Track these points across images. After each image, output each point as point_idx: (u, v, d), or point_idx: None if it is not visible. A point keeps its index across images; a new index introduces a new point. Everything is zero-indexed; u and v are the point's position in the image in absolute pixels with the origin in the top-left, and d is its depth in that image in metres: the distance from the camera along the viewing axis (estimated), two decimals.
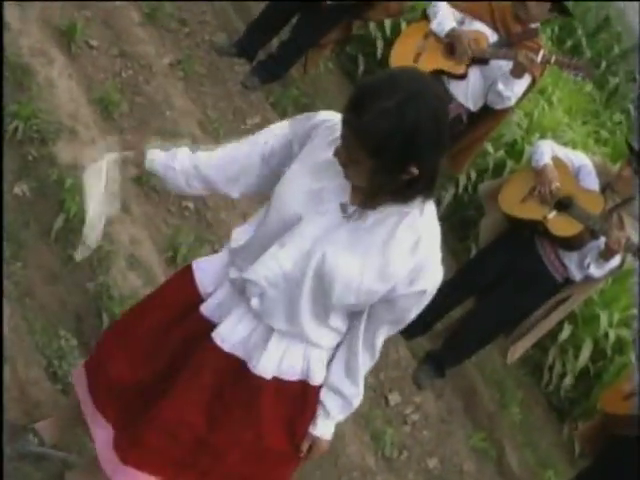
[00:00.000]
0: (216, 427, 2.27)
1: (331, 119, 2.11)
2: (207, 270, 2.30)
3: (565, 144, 5.38)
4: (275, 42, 5.38)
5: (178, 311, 2.29)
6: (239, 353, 2.21)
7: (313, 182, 2.05)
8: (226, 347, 2.21)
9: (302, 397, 2.25)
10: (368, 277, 2.01)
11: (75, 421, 2.66)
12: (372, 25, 5.97)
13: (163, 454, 2.32)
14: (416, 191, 1.95)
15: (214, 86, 5.07)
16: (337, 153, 1.94)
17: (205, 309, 2.25)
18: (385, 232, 2.00)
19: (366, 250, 2.01)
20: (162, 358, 2.30)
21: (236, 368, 2.22)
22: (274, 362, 2.19)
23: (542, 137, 5.90)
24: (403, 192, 1.95)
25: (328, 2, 4.86)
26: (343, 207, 2.02)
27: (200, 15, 5.34)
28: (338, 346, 2.23)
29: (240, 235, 2.23)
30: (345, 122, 1.90)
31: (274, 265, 2.07)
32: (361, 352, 2.20)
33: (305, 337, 2.17)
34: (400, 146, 1.83)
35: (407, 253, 1.99)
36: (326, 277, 2.03)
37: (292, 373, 2.22)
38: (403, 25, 5.83)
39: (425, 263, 2.01)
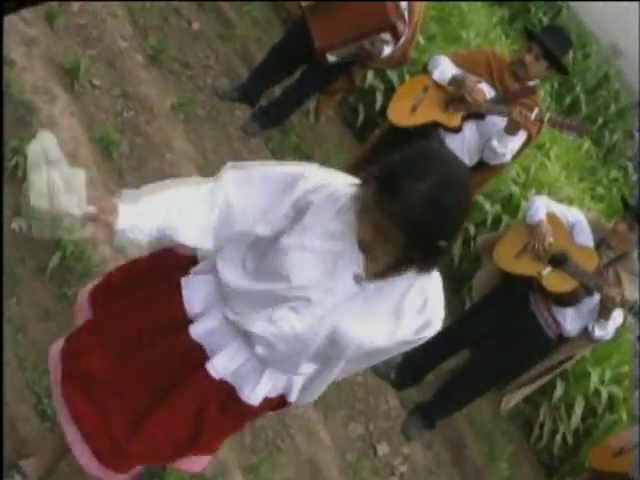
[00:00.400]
0: (198, 441, 2.37)
1: (328, 186, 2.07)
2: (195, 290, 2.27)
3: (561, 200, 5.40)
4: (277, 89, 5.43)
5: (162, 324, 2.28)
6: (229, 379, 2.25)
7: (324, 253, 2.04)
8: (218, 376, 2.24)
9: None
10: (379, 339, 2.08)
11: (60, 455, 2.66)
12: (372, 76, 6.03)
13: (144, 461, 2.43)
14: (438, 261, 2.00)
15: (214, 130, 5.11)
16: (362, 232, 1.95)
17: (194, 333, 2.24)
18: (397, 295, 2.05)
19: (378, 314, 2.06)
20: (143, 366, 2.30)
21: (226, 393, 2.27)
22: (265, 391, 2.27)
23: (539, 193, 5.93)
24: (428, 263, 1.99)
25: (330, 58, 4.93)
26: (357, 278, 2.04)
27: (204, 59, 5.40)
28: None
29: (223, 271, 2.18)
30: (377, 204, 1.89)
31: (286, 327, 2.10)
32: (332, 377, 2.32)
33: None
34: (436, 228, 1.89)
35: (416, 313, 2.07)
36: (339, 342, 2.09)
37: (274, 392, 2.32)
38: (407, 77, 5.90)
39: (431, 318, 2.10)
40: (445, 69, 4.66)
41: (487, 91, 4.61)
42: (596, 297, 4.21)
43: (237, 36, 5.84)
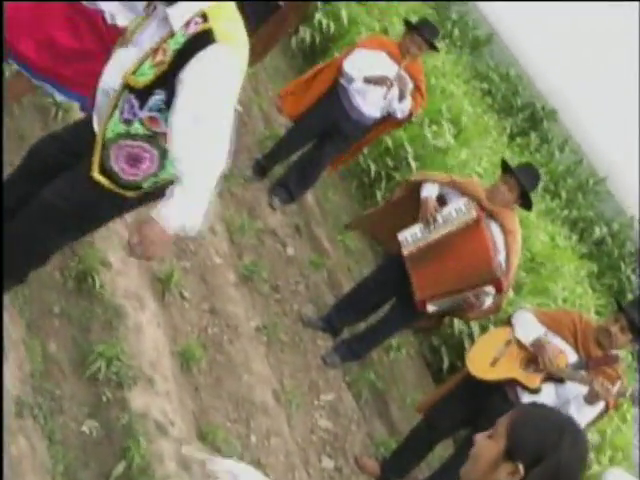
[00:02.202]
0: None
1: None
2: None
3: None
4: (362, 325, 5.37)
5: None
6: None
7: None
8: None
9: None
10: None
11: None
12: (458, 322, 5.94)
13: None
14: None
15: (294, 356, 5.00)
16: None
17: None
18: None
19: None
20: None
21: None
22: None
23: (613, 457, 5.70)
24: None
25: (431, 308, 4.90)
26: None
27: (293, 284, 5.38)
28: None
29: None
30: None
31: None
32: None
33: None
34: None
35: None
36: None
37: None
38: (491, 327, 5.78)
39: None
40: (529, 328, 4.55)
41: (569, 354, 4.46)
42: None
43: (328, 265, 5.85)
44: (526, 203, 4.87)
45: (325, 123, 5.65)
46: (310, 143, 5.88)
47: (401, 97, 5.59)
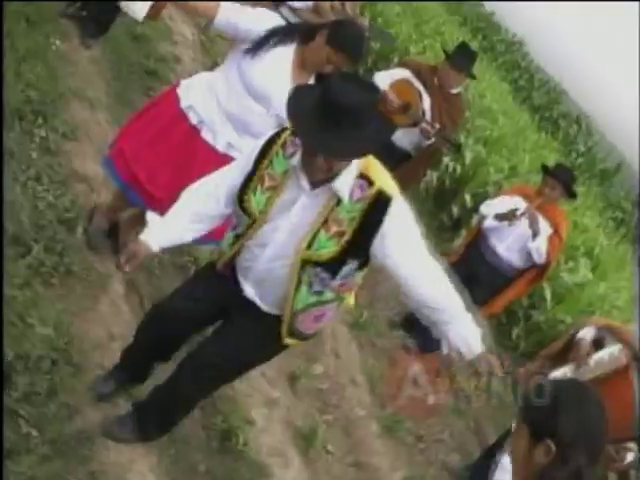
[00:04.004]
0: None
1: None
2: None
3: None
4: None
5: None
6: None
7: None
8: None
9: None
10: None
11: None
12: None
13: None
14: None
15: None
16: None
17: None
18: None
19: None
20: None
21: None
22: None
23: None
24: None
25: None
26: None
27: (437, 433, 5.26)
28: None
29: None
30: None
31: None
32: None
33: None
34: None
35: None
36: None
37: None
38: None
39: None
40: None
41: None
42: None
43: (472, 412, 5.70)
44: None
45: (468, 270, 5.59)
46: None
47: (534, 235, 5.54)
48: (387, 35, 8.37)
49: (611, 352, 4.56)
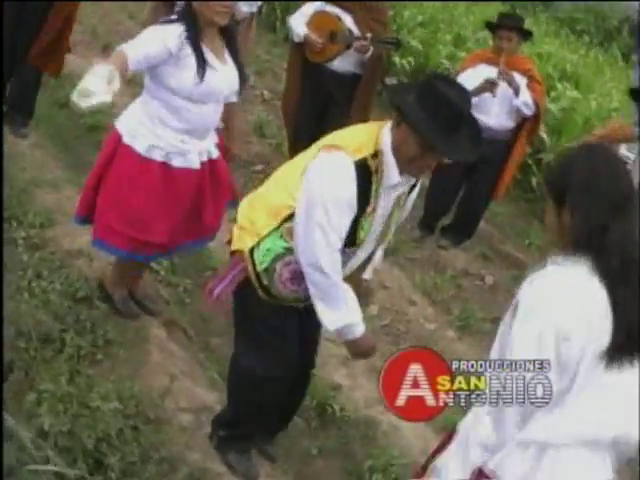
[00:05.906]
0: None
1: None
2: None
3: None
4: None
5: None
6: None
7: None
8: None
9: None
10: None
11: None
12: None
13: None
14: None
15: None
16: None
17: None
18: None
19: None
20: None
21: None
22: None
23: None
24: None
25: None
26: None
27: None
28: None
29: None
30: None
31: None
32: None
33: None
34: None
35: None
36: None
37: None
38: None
39: None
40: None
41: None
42: None
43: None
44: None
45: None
46: (460, 185, 5.89)
47: (516, 93, 5.50)
48: None
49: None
